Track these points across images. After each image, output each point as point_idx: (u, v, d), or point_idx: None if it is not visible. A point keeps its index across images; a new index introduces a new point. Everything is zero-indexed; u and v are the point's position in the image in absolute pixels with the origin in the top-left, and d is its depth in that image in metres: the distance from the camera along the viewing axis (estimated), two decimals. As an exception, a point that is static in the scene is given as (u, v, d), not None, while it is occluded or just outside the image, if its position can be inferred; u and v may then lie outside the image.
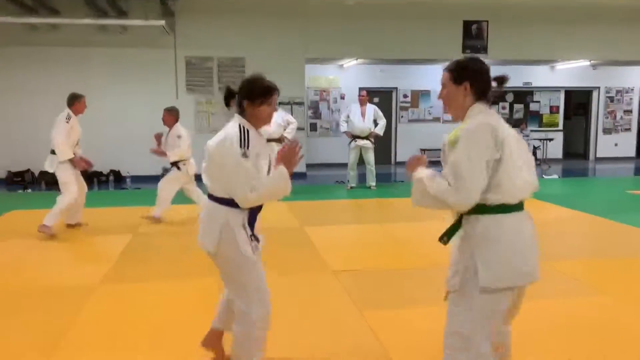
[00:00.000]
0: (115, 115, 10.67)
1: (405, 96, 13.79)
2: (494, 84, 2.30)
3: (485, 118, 2.21)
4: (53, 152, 5.96)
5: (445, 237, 2.31)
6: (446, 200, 2.15)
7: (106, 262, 4.99)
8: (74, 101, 6.04)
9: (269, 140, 8.51)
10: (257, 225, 2.66)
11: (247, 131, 2.54)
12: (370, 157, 9.29)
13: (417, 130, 13.79)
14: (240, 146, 2.47)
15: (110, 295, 4.15)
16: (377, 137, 9.35)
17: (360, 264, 5.05)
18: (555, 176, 11.19)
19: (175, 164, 6.64)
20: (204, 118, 11.19)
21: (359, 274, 4.64)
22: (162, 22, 9.77)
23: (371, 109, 9.32)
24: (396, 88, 13.67)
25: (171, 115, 6.67)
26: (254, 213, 2.63)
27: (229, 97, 2.68)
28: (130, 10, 10.16)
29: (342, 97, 13.64)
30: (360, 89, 13.14)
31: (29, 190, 9.47)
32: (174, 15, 10.50)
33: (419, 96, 13.97)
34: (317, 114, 13.49)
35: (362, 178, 9.58)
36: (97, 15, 10.01)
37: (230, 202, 2.54)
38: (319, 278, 4.56)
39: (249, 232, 2.59)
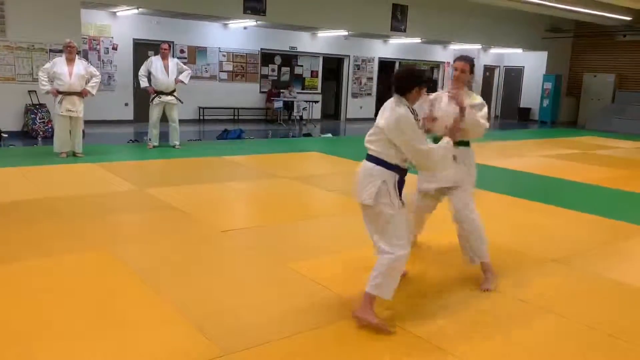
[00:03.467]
0: None
1: (182, 51, 13.42)
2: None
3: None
4: None
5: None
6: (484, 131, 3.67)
7: None
8: None
9: (69, 93, 7.56)
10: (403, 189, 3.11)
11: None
12: (174, 114, 8.96)
13: (195, 88, 13.56)
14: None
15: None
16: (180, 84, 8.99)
17: (241, 222, 5.14)
18: (329, 135, 12.55)
19: None
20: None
21: (250, 232, 4.74)
22: None
23: (174, 63, 8.94)
24: (173, 42, 13.15)
25: None
26: (402, 178, 3.07)
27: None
28: None
29: (115, 48, 12.55)
30: (135, 40, 12.41)
31: None
32: None
33: (196, 52, 13.76)
34: (86, 65, 12.10)
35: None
36: None
37: (387, 165, 2.98)
38: (214, 239, 4.50)
39: (397, 192, 3.03)
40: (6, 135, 9.02)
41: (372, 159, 3.03)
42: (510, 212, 5.88)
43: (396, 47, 17.25)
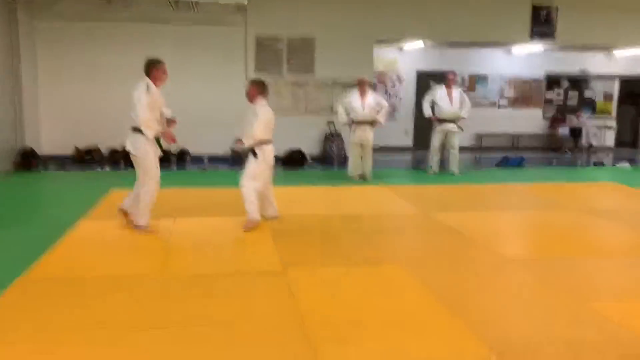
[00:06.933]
0: (183, 93, 10.41)
1: (462, 80, 13.60)
2: None
3: None
4: (135, 129, 4.99)
5: None
6: None
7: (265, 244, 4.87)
8: (152, 68, 5.02)
9: (362, 123, 8.34)
10: None
11: None
12: (455, 141, 9.15)
13: (473, 115, 13.51)
14: None
15: (308, 279, 4.01)
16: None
17: (528, 253, 4.95)
18: (626, 164, 11.09)
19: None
20: (270, 98, 10.95)
21: (540, 263, 4.49)
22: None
23: (458, 92, 9.16)
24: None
25: (253, 88, 5.67)
26: None
27: None
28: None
29: (400, 81, 13.46)
30: (418, 71, 12.96)
31: (107, 169, 9.25)
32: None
33: (476, 80, 13.81)
34: (374, 97, 13.26)
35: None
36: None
37: None
38: (503, 267, 4.41)
39: None
40: (310, 161, 10.45)
41: None
42: None
43: None
